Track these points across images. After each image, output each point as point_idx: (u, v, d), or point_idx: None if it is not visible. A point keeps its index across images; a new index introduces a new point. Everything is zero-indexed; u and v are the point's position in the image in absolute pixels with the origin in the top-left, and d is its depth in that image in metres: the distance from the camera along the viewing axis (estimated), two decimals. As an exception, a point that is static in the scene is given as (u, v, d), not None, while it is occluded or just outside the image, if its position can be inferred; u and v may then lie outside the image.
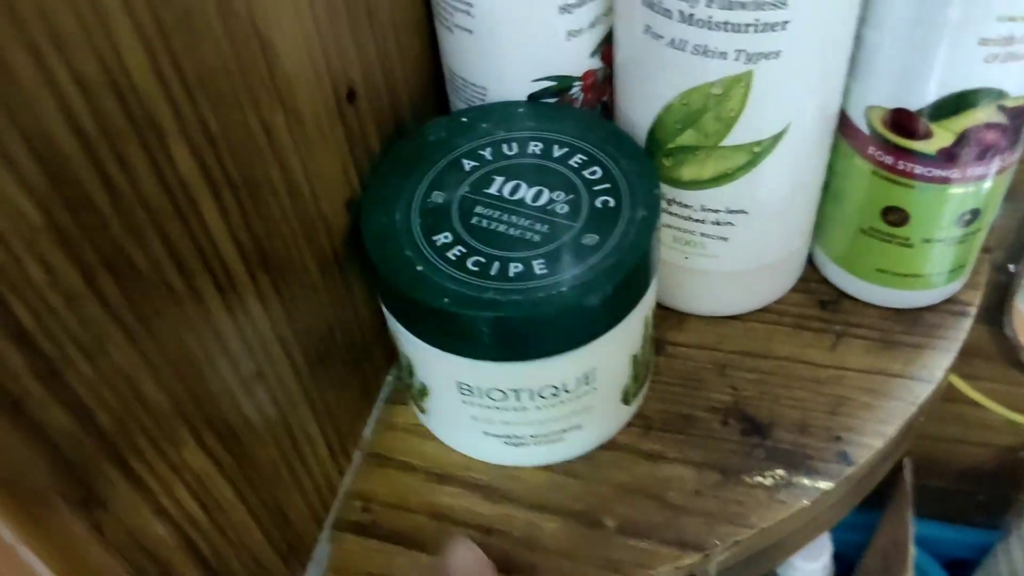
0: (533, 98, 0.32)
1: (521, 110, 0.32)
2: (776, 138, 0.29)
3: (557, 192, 0.29)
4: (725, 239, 0.32)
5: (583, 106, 0.33)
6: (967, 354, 0.36)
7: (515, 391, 0.28)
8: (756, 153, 0.30)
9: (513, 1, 0.29)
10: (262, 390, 0.25)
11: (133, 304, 0.20)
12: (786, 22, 0.26)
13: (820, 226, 0.35)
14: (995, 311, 0.44)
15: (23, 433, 0.18)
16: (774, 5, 0.26)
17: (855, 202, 0.33)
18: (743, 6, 0.26)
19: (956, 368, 0.36)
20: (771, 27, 0.26)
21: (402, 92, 0.32)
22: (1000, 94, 0.28)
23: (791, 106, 0.29)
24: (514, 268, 0.27)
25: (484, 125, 0.31)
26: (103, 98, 0.18)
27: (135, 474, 0.21)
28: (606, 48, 0.31)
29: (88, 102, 0.17)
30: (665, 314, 0.36)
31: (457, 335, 0.27)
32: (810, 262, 0.37)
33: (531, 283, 0.26)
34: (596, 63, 0.32)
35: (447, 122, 0.32)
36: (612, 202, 0.28)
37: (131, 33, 0.18)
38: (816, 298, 0.36)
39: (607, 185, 0.29)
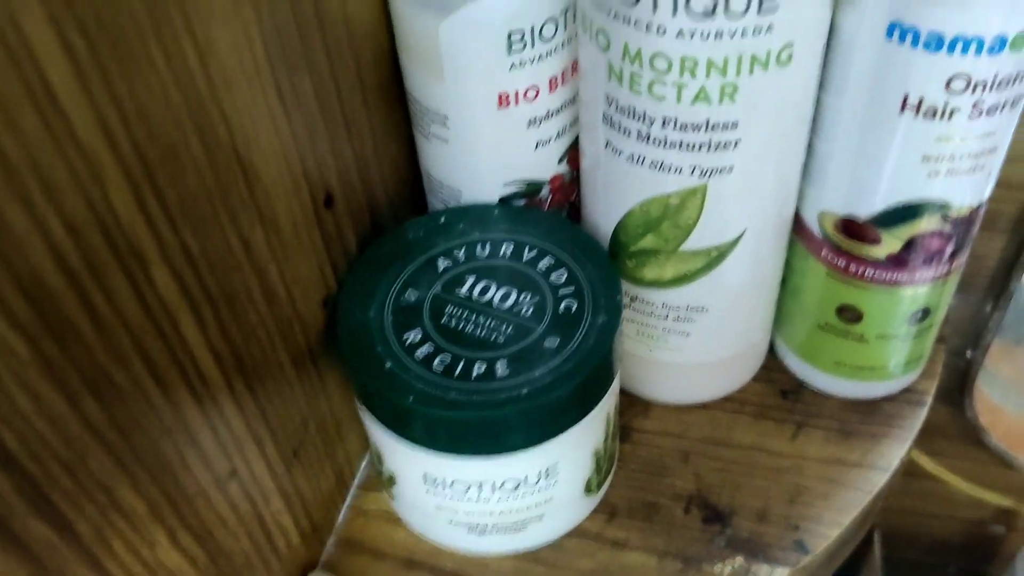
0: (505, 200, 0.33)
1: (496, 212, 0.33)
2: (732, 243, 0.31)
3: (524, 294, 0.30)
4: (687, 334, 0.34)
5: (552, 206, 0.34)
6: (930, 433, 0.37)
7: (477, 484, 0.30)
8: (714, 257, 0.31)
9: (485, 117, 0.31)
10: (236, 487, 0.27)
11: (114, 420, 0.21)
12: (737, 141, 0.28)
13: (780, 318, 0.37)
14: (956, 393, 0.45)
15: (4, 547, 0.19)
16: (725, 127, 0.28)
17: (812, 299, 0.35)
18: (696, 128, 0.28)
19: (920, 446, 0.37)
20: (723, 146, 0.28)
21: (379, 192, 0.33)
22: (944, 206, 0.30)
23: (745, 214, 0.30)
24: (477, 368, 0.28)
25: (460, 225, 0.33)
26: (90, 236, 0.19)
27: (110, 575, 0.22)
28: (573, 153, 0.33)
29: (75, 242, 0.19)
30: (632, 401, 0.37)
31: (421, 431, 0.29)
32: (772, 351, 0.38)
33: (493, 384, 0.28)
34: (564, 168, 0.33)
35: (426, 221, 0.33)
36: (575, 306, 0.30)
37: (118, 175, 0.20)
38: (778, 387, 0.38)
39: (571, 288, 0.30)
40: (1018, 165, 0.35)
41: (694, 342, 0.34)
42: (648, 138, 0.28)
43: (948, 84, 0.27)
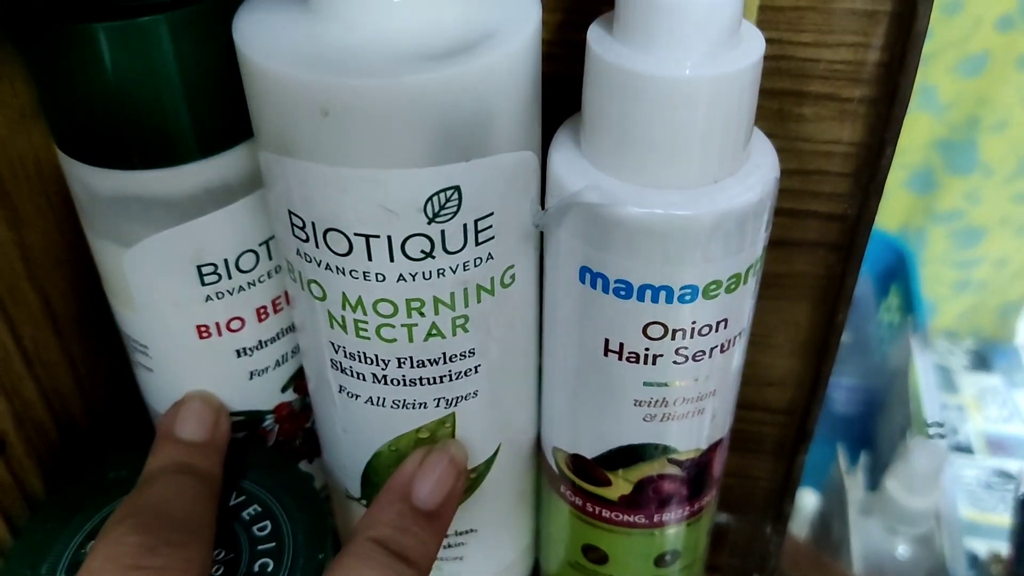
0: (223, 431, 0.31)
1: (211, 447, 0.31)
2: (489, 461, 0.29)
3: (218, 549, 0.27)
4: (460, 558, 0.32)
5: (281, 436, 0.32)
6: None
7: None
8: (473, 479, 0.29)
9: (186, 348, 0.28)
10: None
11: None
12: (477, 366, 0.27)
13: (540, 549, 0.35)
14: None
15: None
16: (463, 355, 0.26)
17: (559, 535, 0.32)
18: (434, 362, 0.26)
19: None
20: (464, 373, 0.27)
21: (83, 423, 0.31)
22: (667, 449, 0.28)
23: (498, 430, 0.29)
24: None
25: (168, 462, 0.30)
26: None
27: None
28: (301, 381, 0.31)
29: None
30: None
31: None
32: None
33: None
34: (290, 396, 0.31)
35: (132, 458, 0.30)
36: (271, 566, 0.27)
37: None
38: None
39: (272, 544, 0.27)
40: (776, 390, 0.34)
41: (469, 567, 0.32)
42: (385, 379, 0.26)
43: (645, 331, 0.25)
